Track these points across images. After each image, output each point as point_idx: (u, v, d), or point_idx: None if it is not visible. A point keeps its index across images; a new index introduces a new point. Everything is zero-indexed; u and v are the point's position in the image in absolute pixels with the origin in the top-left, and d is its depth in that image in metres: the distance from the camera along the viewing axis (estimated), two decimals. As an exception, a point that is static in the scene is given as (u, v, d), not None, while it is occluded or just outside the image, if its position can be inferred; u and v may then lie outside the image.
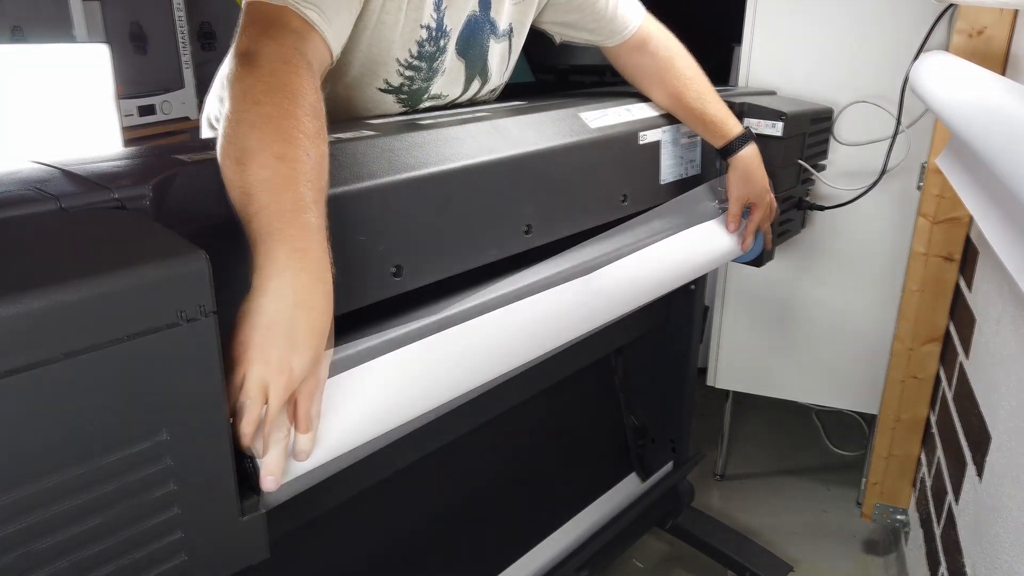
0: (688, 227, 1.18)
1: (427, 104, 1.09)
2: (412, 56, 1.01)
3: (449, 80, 1.08)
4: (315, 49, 0.80)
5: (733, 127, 1.20)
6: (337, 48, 0.84)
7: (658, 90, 1.21)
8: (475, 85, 1.13)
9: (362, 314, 0.79)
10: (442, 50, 1.04)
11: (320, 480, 0.72)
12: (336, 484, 0.90)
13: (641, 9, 1.20)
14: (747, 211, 1.25)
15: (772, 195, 1.25)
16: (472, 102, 1.16)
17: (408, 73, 1.03)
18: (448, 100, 1.12)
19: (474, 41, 1.07)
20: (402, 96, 1.06)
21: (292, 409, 0.63)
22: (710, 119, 1.19)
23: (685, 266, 1.16)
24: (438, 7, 0.99)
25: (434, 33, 1.01)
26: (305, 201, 0.65)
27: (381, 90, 1.04)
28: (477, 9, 1.04)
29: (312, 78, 0.73)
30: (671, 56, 1.20)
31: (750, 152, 1.20)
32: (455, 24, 1.03)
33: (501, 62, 1.15)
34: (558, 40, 1.22)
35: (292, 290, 0.62)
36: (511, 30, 1.12)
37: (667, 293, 1.14)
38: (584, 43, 1.21)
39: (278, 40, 0.74)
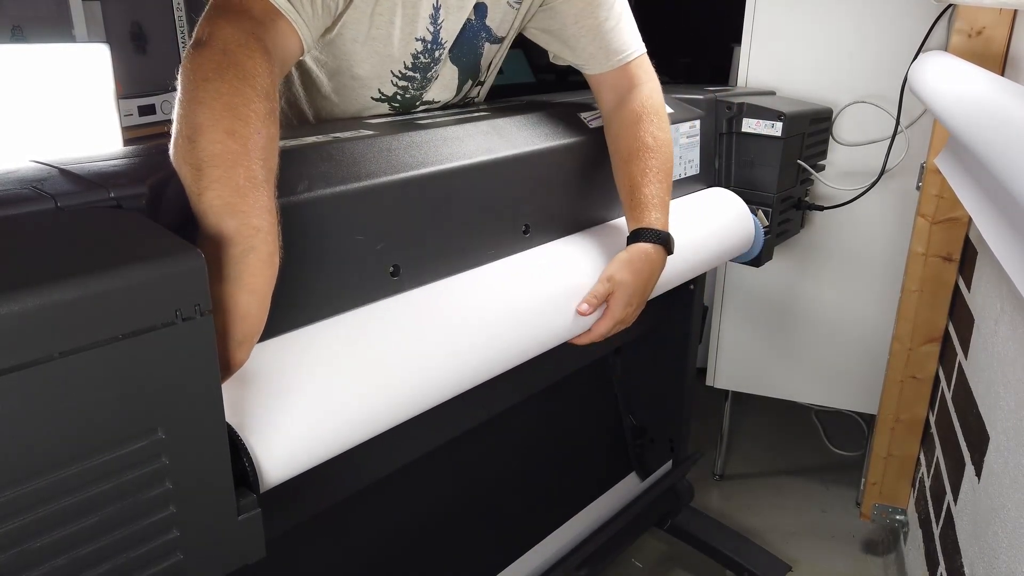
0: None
1: (421, 109, 1.09)
2: (407, 68, 1.01)
3: (442, 86, 1.08)
4: (280, 36, 0.78)
5: (657, 219, 1.00)
6: (309, 36, 0.82)
7: (612, 139, 1.07)
8: (467, 86, 1.13)
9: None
10: (436, 60, 1.03)
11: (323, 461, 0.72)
12: (334, 483, 0.90)
13: (639, 45, 1.08)
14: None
15: (636, 313, 1.01)
16: (464, 98, 1.16)
17: (402, 83, 1.03)
18: (441, 104, 1.11)
19: (469, 48, 1.06)
20: (395, 104, 1.05)
21: None
22: (640, 197, 1.00)
23: (683, 266, 1.16)
24: (435, 20, 0.98)
25: (429, 45, 1.00)
26: (258, 179, 0.64)
27: (375, 99, 1.03)
28: (473, 16, 1.03)
29: (267, 62, 0.72)
30: (641, 114, 1.04)
31: (654, 254, 0.98)
32: (450, 35, 1.02)
33: (496, 62, 1.15)
34: (552, 58, 1.12)
35: (238, 270, 0.61)
36: (507, 34, 1.11)
37: (666, 292, 1.14)
38: (567, 62, 1.09)
39: (234, 24, 0.73)
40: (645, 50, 1.09)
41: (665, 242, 1.00)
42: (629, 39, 1.07)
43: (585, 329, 0.98)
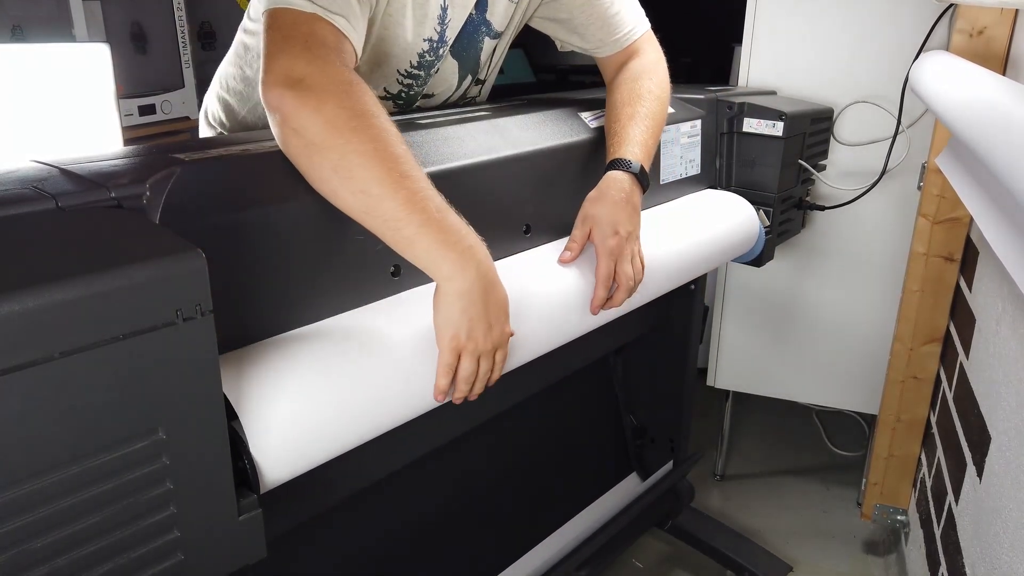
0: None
1: (420, 103, 1.09)
2: (412, 67, 1.02)
3: (442, 79, 1.08)
4: (349, 58, 0.79)
5: (630, 151, 0.99)
6: (360, 50, 0.84)
7: (609, 96, 1.09)
8: (467, 81, 1.13)
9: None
10: (440, 57, 1.04)
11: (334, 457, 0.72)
12: (335, 483, 0.90)
13: (642, 23, 1.13)
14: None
15: (632, 249, 0.95)
16: (464, 97, 1.16)
17: (407, 81, 1.03)
18: (441, 98, 1.11)
19: (470, 43, 1.07)
20: (399, 102, 1.06)
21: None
22: (621, 136, 1.00)
23: (685, 265, 1.16)
24: (443, 20, 0.99)
25: (435, 44, 1.01)
26: (443, 204, 0.74)
27: (381, 97, 1.03)
28: (474, 11, 1.04)
29: (367, 85, 0.74)
30: (640, 73, 1.08)
31: (626, 181, 0.96)
32: (454, 31, 1.03)
33: (496, 60, 1.15)
34: (560, 46, 1.16)
35: (476, 281, 0.74)
36: (506, 29, 1.11)
37: (666, 293, 1.14)
38: (576, 48, 1.14)
39: (322, 58, 0.74)
40: (648, 26, 1.13)
41: (637, 173, 0.97)
42: (631, 19, 1.11)
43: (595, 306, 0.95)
